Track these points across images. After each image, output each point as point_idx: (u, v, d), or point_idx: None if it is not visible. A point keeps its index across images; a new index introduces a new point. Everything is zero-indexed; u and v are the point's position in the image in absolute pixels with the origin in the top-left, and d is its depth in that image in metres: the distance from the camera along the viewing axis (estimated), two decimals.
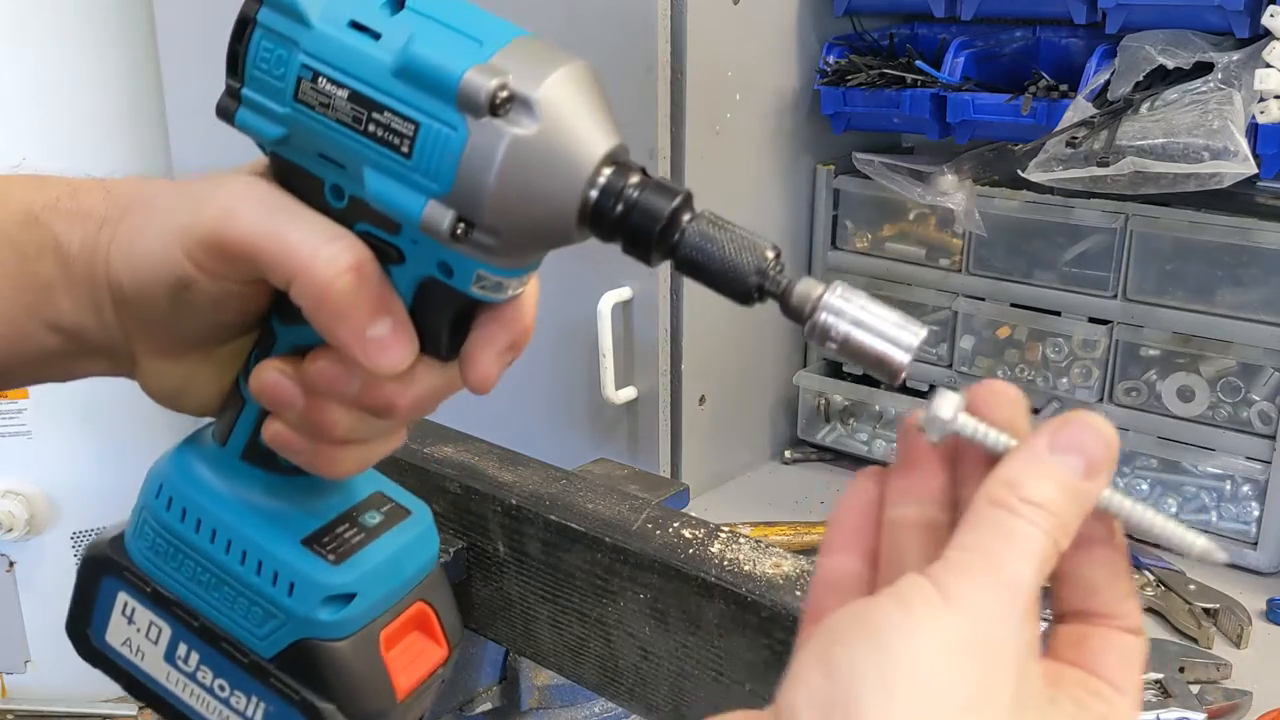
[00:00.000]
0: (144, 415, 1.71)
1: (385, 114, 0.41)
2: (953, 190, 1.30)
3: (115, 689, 0.55)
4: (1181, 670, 0.99)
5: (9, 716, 1.98)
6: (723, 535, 0.69)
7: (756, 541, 0.68)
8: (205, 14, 1.60)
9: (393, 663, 0.52)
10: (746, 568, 0.65)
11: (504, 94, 0.40)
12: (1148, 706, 0.95)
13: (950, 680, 0.34)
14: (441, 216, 0.41)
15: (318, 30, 0.42)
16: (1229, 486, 1.22)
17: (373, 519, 0.53)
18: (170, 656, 0.53)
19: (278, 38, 0.43)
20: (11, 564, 1.86)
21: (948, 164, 1.31)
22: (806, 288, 0.40)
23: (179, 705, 0.53)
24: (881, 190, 1.34)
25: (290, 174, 0.45)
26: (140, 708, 1.05)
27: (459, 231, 0.41)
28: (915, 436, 0.41)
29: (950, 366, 1.39)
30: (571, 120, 0.41)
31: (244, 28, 0.44)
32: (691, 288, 1.29)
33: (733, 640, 0.64)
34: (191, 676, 0.52)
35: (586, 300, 1.26)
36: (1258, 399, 1.18)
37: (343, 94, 0.42)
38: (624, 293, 1.27)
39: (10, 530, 1.78)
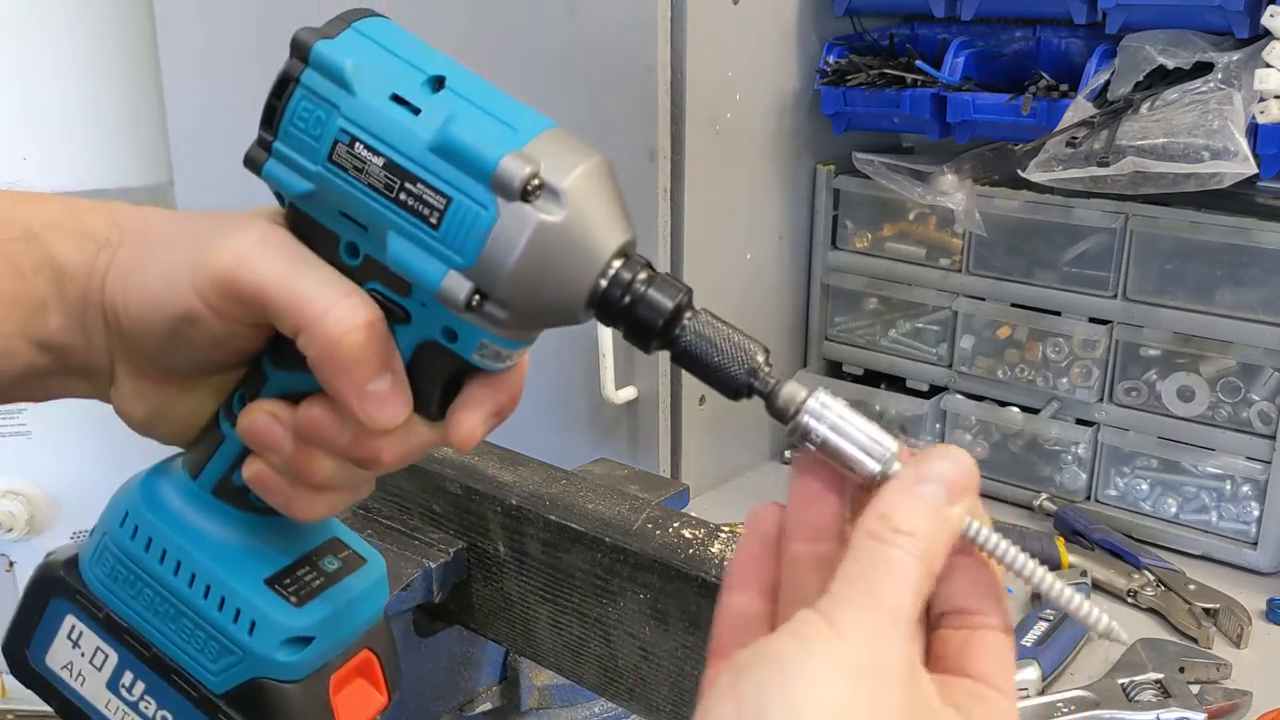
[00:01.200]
0: None
1: (419, 185, 0.43)
2: (953, 190, 1.30)
3: None
4: (1181, 670, 0.99)
5: (9, 716, 1.98)
6: (723, 535, 0.69)
7: None
8: (205, 15, 1.60)
9: (339, 708, 0.53)
10: None
11: (535, 181, 0.42)
12: (1149, 706, 0.95)
13: (847, 700, 0.38)
14: (460, 287, 0.43)
15: (360, 98, 0.44)
16: (1229, 486, 1.22)
17: (331, 564, 0.53)
18: (114, 685, 0.53)
19: (319, 100, 0.45)
20: (11, 564, 1.86)
21: (948, 164, 1.31)
22: (791, 391, 0.44)
23: None
24: (881, 190, 1.34)
25: (307, 226, 0.47)
26: None
27: (474, 303, 0.43)
28: (807, 468, 0.45)
29: (950, 366, 1.39)
30: (592, 212, 0.44)
31: (285, 85, 0.45)
32: (692, 288, 1.29)
33: None
34: (134, 706, 0.52)
35: None
36: (1258, 399, 1.18)
37: (378, 161, 0.44)
38: None
39: (10, 530, 1.78)
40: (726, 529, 0.70)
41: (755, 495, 1.39)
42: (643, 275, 0.44)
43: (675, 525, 0.70)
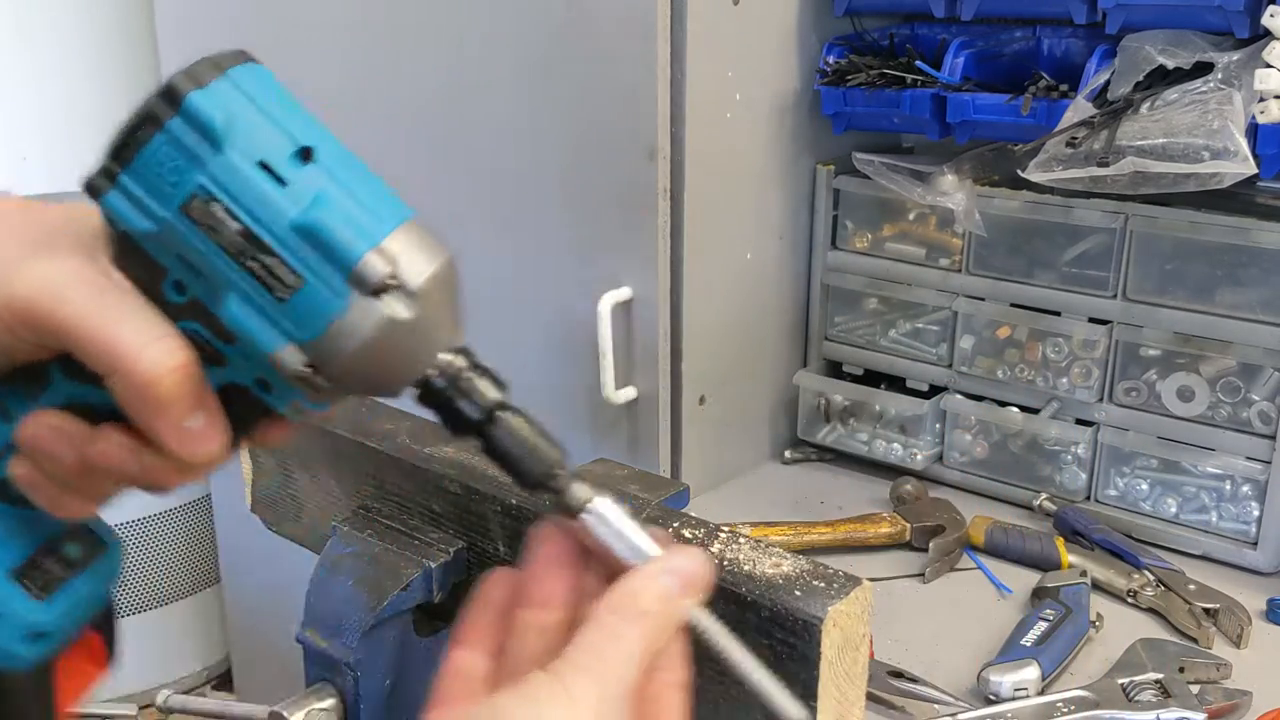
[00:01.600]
0: None
1: (273, 260, 0.43)
2: (953, 190, 1.30)
3: (115, 688, 0.55)
4: (1181, 670, 0.99)
5: None
6: (723, 535, 0.69)
7: (756, 541, 0.68)
8: (205, 14, 1.60)
9: (60, 687, 0.53)
10: (746, 568, 0.65)
11: (392, 280, 0.44)
12: (1148, 706, 0.95)
13: None
14: (295, 359, 0.44)
15: (227, 159, 0.43)
16: (1229, 486, 1.22)
17: (74, 551, 0.52)
18: None
19: (182, 149, 0.43)
20: None
21: (948, 164, 1.31)
22: (580, 492, 0.50)
23: None
24: (881, 190, 1.34)
25: (134, 255, 0.45)
26: (141, 707, 1.05)
27: (305, 375, 0.44)
28: (547, 542, 0.51)
29: (950, 366, 1.39)
30: (436, 312, 0.46)
31: (145, 123, 0.44)
32: (692, 287, 1.29)
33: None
34: None
35: (586, 300, 1.26)
36: (1258, 399, 1.18)
37: (235, 227, 0.43)
38: (624, 293, 1.27)
39: None
40: (726, 529, 0.70)
41: (755, 495, 1.39)
42: (468, 372, 0.48)
43: (675, 525, 0.70)
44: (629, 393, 1.31)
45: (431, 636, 0.83)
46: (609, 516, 0.50)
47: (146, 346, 0.43)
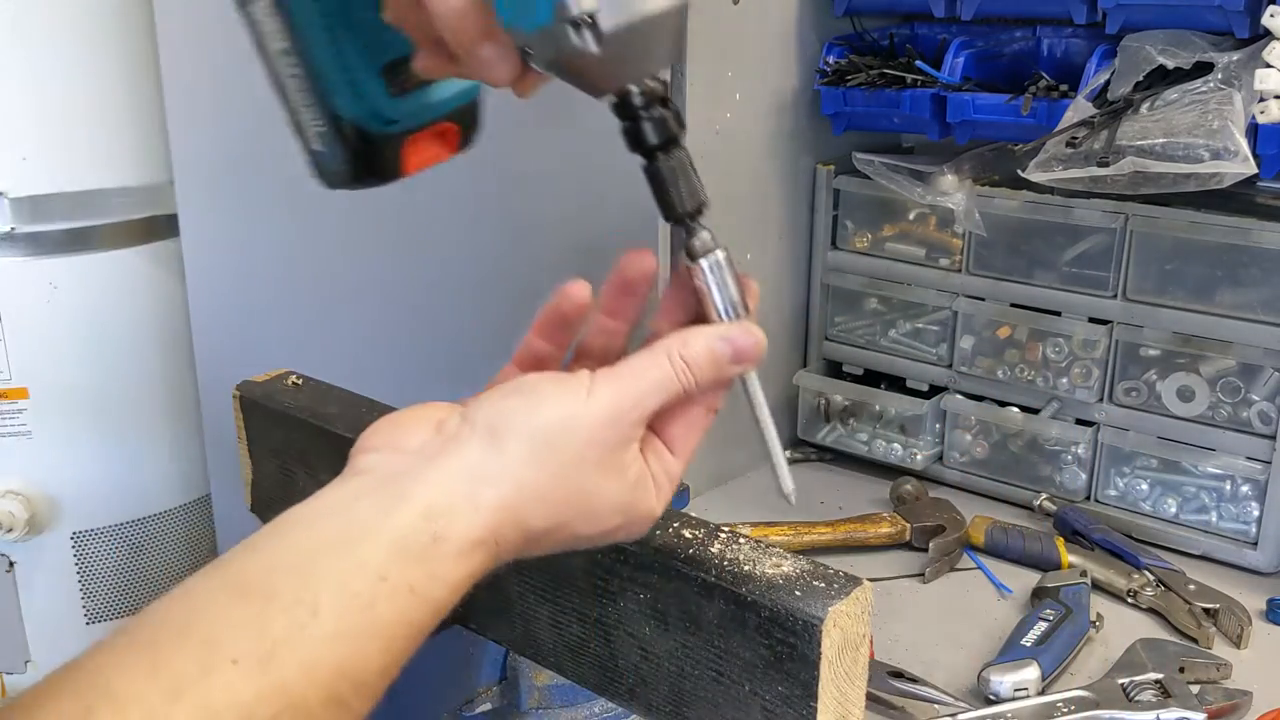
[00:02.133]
0: (145, 415, 1.72)
1: None
2: (953, 190, 1.30)
3: None
4: (1181, 670, 0.99)
5: None
6: (723, 535, 0.69)
7: (756, 542, 0.68)
8: (205, 14, 1.60)
9: (408, 156, 0.65)
10: (746, 568, 0.65)
11: (587, 20, 0.52)
12: (1148, 706, 0.95)
13: (563, 437, 0.54)
14: (582, 5, 0.51)
15: None
16: (1229, 486, 1.22)
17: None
18: None
19: None
20: (12, 564, 1.85)
21: (948, 164, 1.31)
22: (706, 239, 0.59)
23: None
24: (881, 190, 1.34)
25: None
26: None
27: (579, 20, 0.51)
28: (679, 284, 0.60)
29: (950, 366, 1.39)
30: (630, 50, 0.54)
31: None
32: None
33: (732, 640, 0.63)
34: None
35: None
36: (1258, 399, 1.18)
37: None
38: None
39: (10, 530, 1.78)
40: (726, 529, 0.70)
41: (755, 495, 1.39)
42: (660, 106, 0.57)
43: (675, 525, 0.70)
44: None
45: (432, 636, 0.83)
46: (719, 269, 0.59)
47: None
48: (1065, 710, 0.95)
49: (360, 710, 0.51)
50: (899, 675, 1.00)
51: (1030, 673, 0.99)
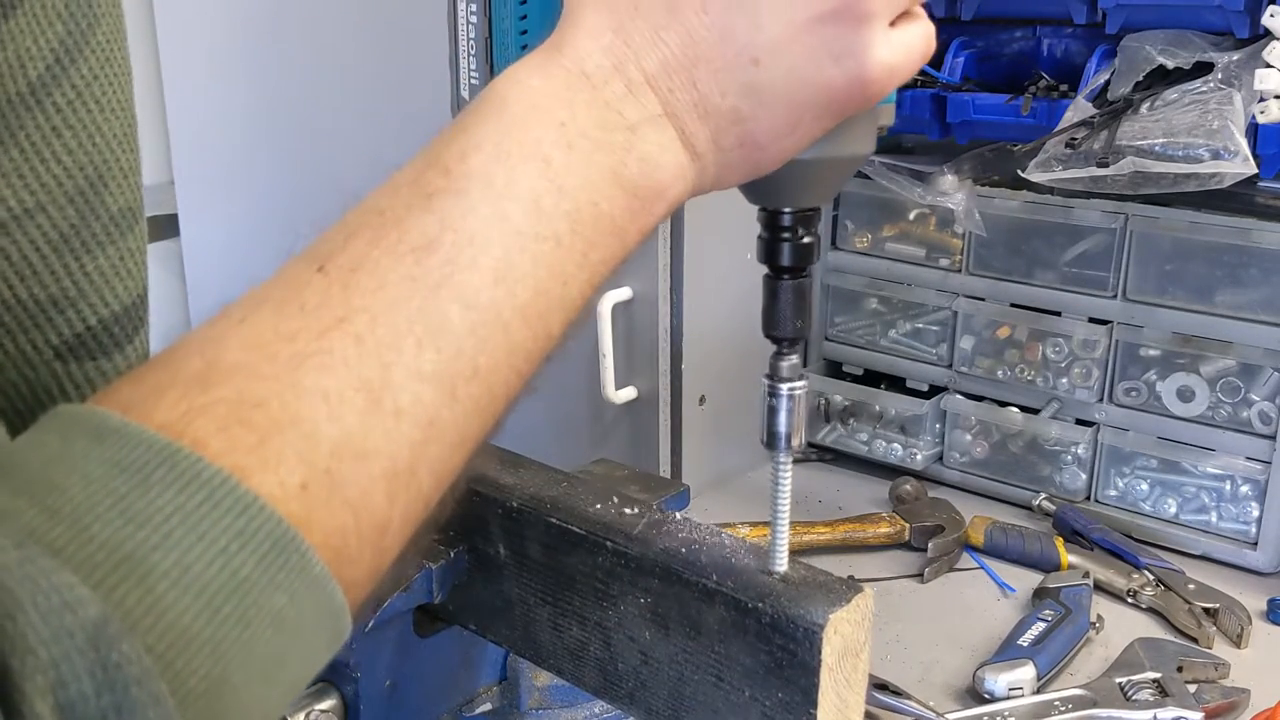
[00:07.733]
0: None
1: None
2: (953, 190, 1.30)
3: None
4: (1180, 669, 0.99)
5: None
6: (725, 540, 0.69)
7: (758, 546, 0.68)
8: (205, 14, 1.60)
9: None
10: (747, 574, 0.65)
11: None
12: (1146, 705, 0.95)
13: None
14: None
15: None
16: (1229, 486, 1.22)
17: None
18: None
19: None
20: None
21: (948, 164, 1.31)
22: (791, 367, 0.63)
23: None
24: (881, 190, 1.34)
25: None
26: None
27: None
28: None
29: (950, 366, 1.39)
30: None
31: None
32: (691, 288, 1.29)
33: (733, 646, 0.64)
34: None
35: None
36: (1258, 399, 1.18)
37: None
38: (624, 293, 1.27)
39: None
40: (729, 534, 0.70)
41: (755, 495, 1.39)
42: (806, 233, 0.61)
43: (675, 528, 0.70)
44: (629, 393, 1.31)
45: (431, 636, 0.84)
46: (794, 399, 0.63)
47: None
48: (1062, 709, 0.95)
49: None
50: (883, 688, 0.98)
51: (1025, 672, 0.99)
